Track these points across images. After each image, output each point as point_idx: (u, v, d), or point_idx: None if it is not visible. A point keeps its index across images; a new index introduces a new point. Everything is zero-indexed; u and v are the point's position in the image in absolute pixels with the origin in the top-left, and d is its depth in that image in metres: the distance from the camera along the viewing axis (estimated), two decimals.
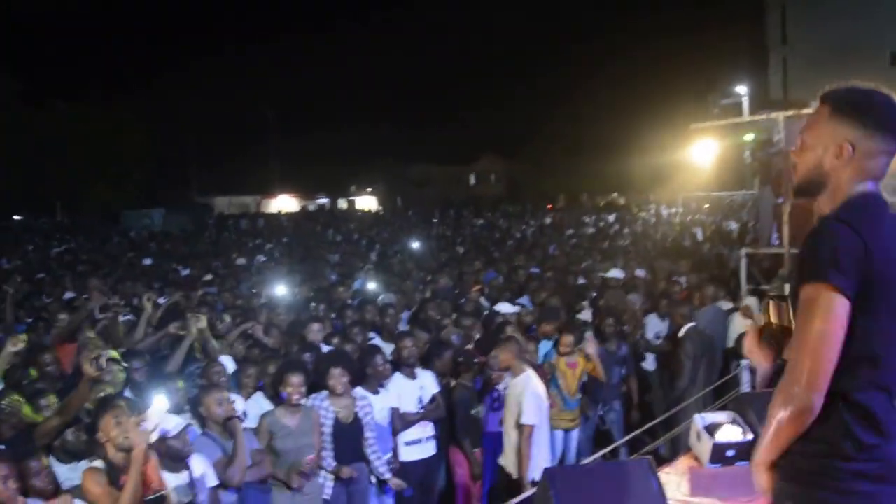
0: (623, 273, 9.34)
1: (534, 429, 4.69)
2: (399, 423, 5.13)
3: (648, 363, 7.25)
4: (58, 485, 3.59)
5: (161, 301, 8.17)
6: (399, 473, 4.99)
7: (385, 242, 18.66)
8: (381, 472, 4.82)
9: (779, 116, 8.88)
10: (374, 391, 5.06)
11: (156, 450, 3.58)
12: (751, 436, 4.06)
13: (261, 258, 15.35)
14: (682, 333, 6.46)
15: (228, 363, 5.21)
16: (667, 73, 44.82)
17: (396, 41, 65.00)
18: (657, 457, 4.57)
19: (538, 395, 4.74)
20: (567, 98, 55.33)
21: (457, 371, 5.57)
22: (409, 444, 5.19)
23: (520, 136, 53.55)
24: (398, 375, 5.22)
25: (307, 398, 4.65)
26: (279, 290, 8.73)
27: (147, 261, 15.11)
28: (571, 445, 6.09)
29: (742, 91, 20.17)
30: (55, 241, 21.98)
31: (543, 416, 4.86)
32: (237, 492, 4.10)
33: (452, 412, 5.39)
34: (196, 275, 11.70)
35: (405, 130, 52.58)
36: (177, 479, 3.65)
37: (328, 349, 5.73)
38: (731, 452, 4.14)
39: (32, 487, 3.40)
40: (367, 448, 4.78)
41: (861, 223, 1.73)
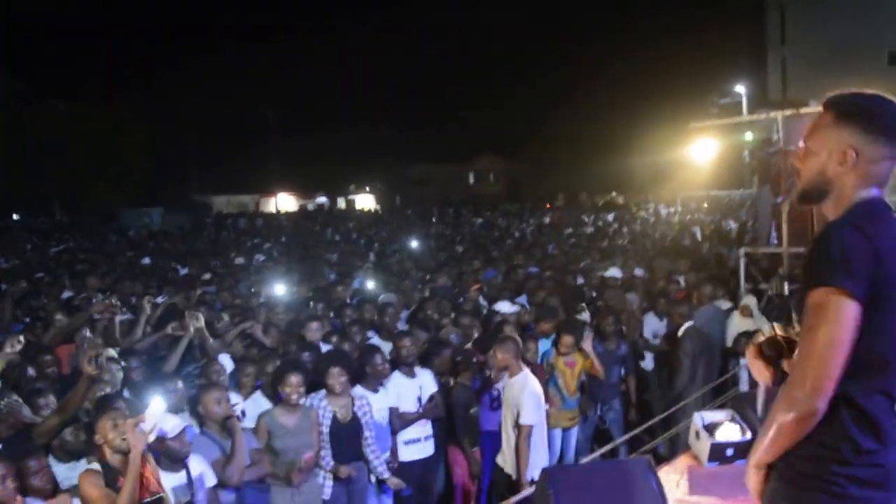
0: (622, 272, 9.34)
1: (532, 428, 4.69)
2: (398, 423, 5.13)
3: (647, 362, 7.26)
4: (56, 484, 3.58)
5: (159, 300, 8.17)
6: (398, 472, 4.98)
7: (383, 242, 18.65)
8: (380, 472, 4.81)
9: (778, 116, 8.89)
10: (374, 390, 5.06)
11: (154, 450, 3.58)
12: (749, 434, 4.07)
13: (259, 257, 15.33)
14: (681, 332, 6.47)
15: (227, 362, 5.20)
16: (666, 73, 44.81)
17: (395, 41, 64.93)
18: (656, 455, 4.58)
19: (536, 395, 4.73)
20: (566, 97, 55.27)
21: (455, 370, 5.57)
22: (408, 444, 5.19)
23: (519, 136, 53.56)
24: (397, 374, 5.22)
25: (306, 397, 4.65)
26: (278, 290, 8.72)
27: (146, 260, 15.09)
28: (570, 444, 6.10)
29: (741, 90, 20.19)
30: (53, 241, 21.95)
31: (542, 416, 4.86)
32: (236, 491, 4.09)
33: (451, 411, 5.40)
34: (194, 274, 11.69)
35: (404, 129, 52.56)
36: (175, 479, 3.64)
37: (327, 348, 5.73)
38: (730, 451, 4.15)
39: (31, 487, 3.40)
40: (366, 447, 4.78)
41: (870, 227, 1.72)
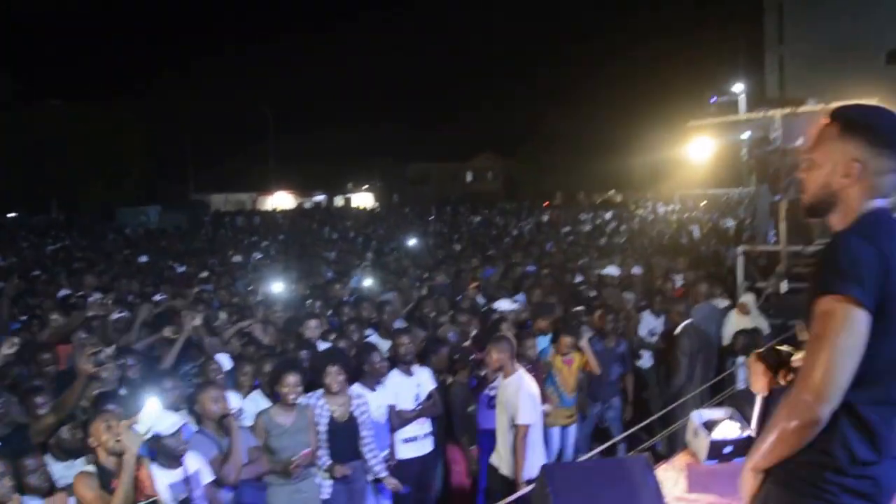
0: (619, 270, 9.34)
1: (529, 428, 4.67)
2: (396, 421, 5.12)
3: (644, 361, 7.25)
4: (53, 482, 3.57)
5: (157, 298, 8.15)
6: (396, 471, 4.98)
7: (381, 240, 18.63)
8: (377, 471, 4.80)
9: (776, 114, 8.91)
10: (372, 388, 5.05)
11: (150, 448, 3.57)
12: (748, 432, 4.06)
13: (257, 255, 15.31)
14: (679, 330, 6.47)
15: (225, 361, 5.19)
16: (664, 72, 44.91)
17: (394, 40, 64.95)
18: (655, 453, 4.58)
19: (532, 395, 4.71)
20: (565, 96, 55.39)
21: (453, 368, 5.56)
22: (407, 442, 5.18)
23: (517, 134, 53.62)
24: (395, 372, 5.21)
25: (303, 396, 4.63)
26: (276, 288, 8.71)
27: (143, 258, 15.06)
28: (569, 442, 6.09)
29: (739, 89, 20.20)
30: (50, 239, 21.89)
31: (538, 415, 4.84)
32: (233, 489, 4.08)
33: (449, 409, 5.39)
34: (192, 272, 11.66)
35: (402, 128, 52.57)
36: (172, 476, 3.63)
37: (325, 346, 5.71)
38: (729, 449, 4.15)
39: (28, 485, 3.39)
40: (364, 446, 4.77)
41: (878, 238, 1.72)
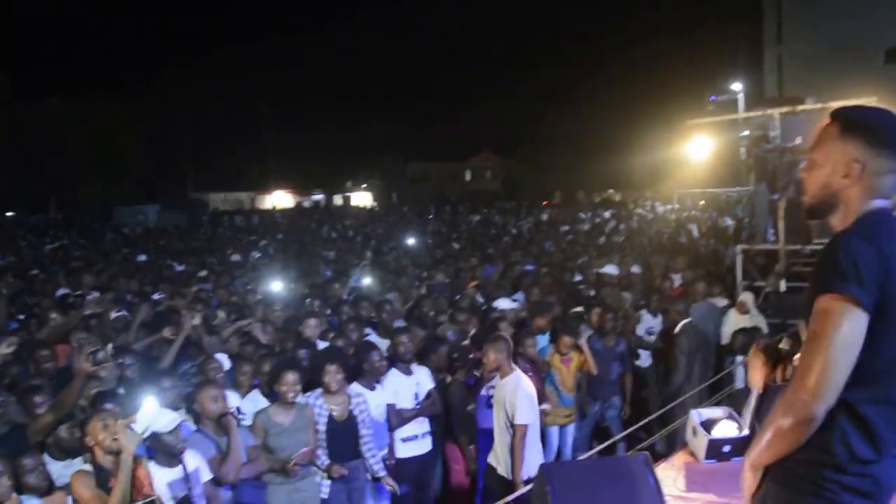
0: (618, 269, 9.34)
1: (527, 428, 4.66)
2: (395, 420, 5.12)
3: (643, 360, 7.25)
4: (51, 482, 3.56)
5: (156, 297, 8.14)
6: (395, 470, 4.98)
7: (380, 239, 18.63)
8: (376, 470, 4.80)
9: (775, 113, 8.91)
10: (370, 387, 5.05)
11: (149, 447, 3.56)
12: (746, 431, 4.06)
13: (256, 254, 15.30)
14: (678, 329, 6.47)
15: (224, 360, 5.19)
16: (663, 71, 44.89)
17: (393, 38, 64.82)
18: (653, 452, 4.57)
19: (530, 395, 4.70)
20: (564, 95, 55.33)
21: (452, 367, 5.56)
22: (406, 441, 5.18)
23: (516, 134, 53.58)
24: (394, 371, 5.21)
25: (302, 395, 4.63)
26: (274, 287, 8.70)
27: (142, 257, 15.05)
28: (567, 441, 6.09)
29: (738, 88, 20.21)
30: (48, 238, 21.86)
31: (536, 415, 4.83)
32: (232, 489, 4.08)
33: (448, 409, 5.38)
34: (191, 271, 11.65)
35: (401, 127, 52.49)
36: (171, 475, 3.63)
37: (324, 345, 5.71)
38: (727, 448, 4.15)
39: (26, 484, 3.38)
40: (363, 445, 4.77)
41: (879, 238, 1.73)
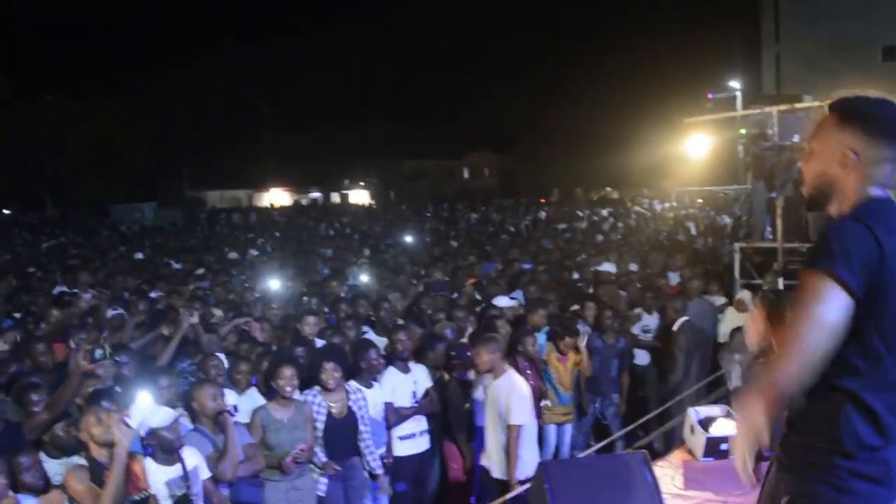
0: (616, 267, 9.33)
1: (522, 428, 4.65)
2: (393, 418, 5.11)
3: (640, 358, 7.24)
4: (48, 480, 3.55)
5: (153, 295, 8.12)
6: (393, 468, 4.97)
7: (378, 237, 18.61)
8: (374, 468, 4.79)
9: (772, 111, 8.90)
10: (368, 385, 5.04)
11: (147, 445, 3.55)
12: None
13: (253, 252, 15.29)
14: (676, 327, 6.47)
15: (221, 358, 5.17)
16: (661, 69, 44.83)
17: (391, 36, 64.82)
18: (651, 450, 4.57)
19: (524, 395, 4.68)
20: (562, 93, 55.40)
21: (450, 365, 5.55)
22: (404, 439, 5.17)
23: (514, 131, 53.55)
24: (392, 369, 5.20)
25: (301, 394, 4.62)
26: (272, 285, 8.69)
27: (139, 255, 15.02)
28: (565, 440, 6.09)
29: (736, 86, 20.18)
30: (44, 236, 21.81)
31: (531, 415, 4.82)
32: (229, 486, 4.07)
33: (446, 407, 5.37)
34: (188, 269, 11.63)
35: (401, 127, 52.48)
36: (170, 473, 3.61)
37: (321, 343, 5.70)
38: (725, 446, 4.15)
39: (23, 483, 3.37)
40: (361, 442, 4.76)
41: (874, 223, 1.74)
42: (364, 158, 49.97)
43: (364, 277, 9.35)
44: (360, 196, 49.92)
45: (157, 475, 3.54)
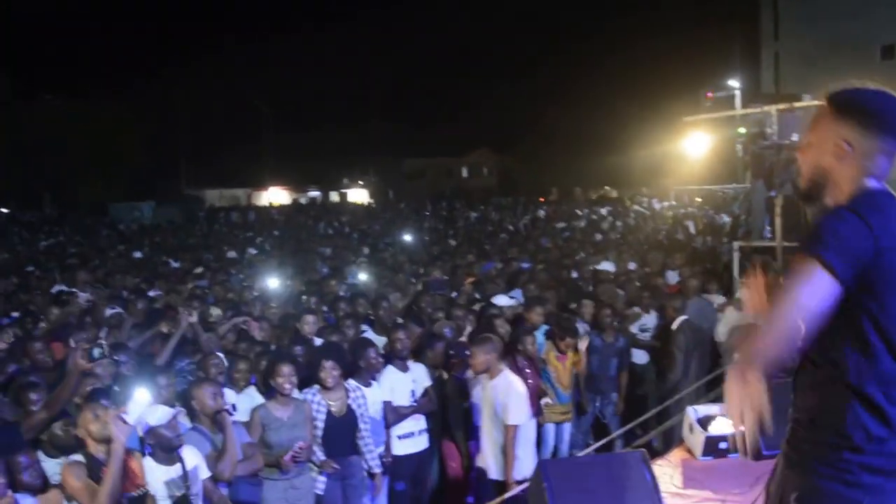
0: (615, 266, 9.32)
1: (518, 428, 4.65)
2: (392, 417, 5.10)
3: (639, 357, 7.24)
4: (46, 479, 3.54)
5: (152, 294, 8.12)
6: (392, 467, 4.96)
7: (377, 235, 18.62)
8: (372, 466, 4.79)
9: (772, 109, 8.88)
10: (367, 384, 5.04)
11: (146, 444, 3.54)
12: (743, 429, 4.05)
13: (252, 251, 15.28)
14: (675, 326, 6.47)
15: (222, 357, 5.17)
16: (660, 69, 44.88)
17: (390, 35, 64.79)
18: (650, 449, 4.57)
19: (521, 395, 4.68)
20: (561, 92, 55.41)
21: (449, 364, 5.55)
22: (402, 438, 5.16)
23: (513, 130, 53.58)
24: (391, 368, 5.20)
25: (300, 392, 4.62)
26: (271, 284, 8.69)
27: (137, 254, 15.02)
28: (563, 439, 6.09)
29: (735, 85, 20.21)
30: (43, 235, 21.80)
31: (528, 415, 4.81)
32: (228, 486, 4.06)
33: (445, 405, 5.37)
34: (187, 268, 11.63)
35: (401, 127, 52.49)
36: (169, 472, 3.61)
37: (320, 342, 5.70)
38: (724, 445, 4.15)
39: (21, 482, 3.36)
40: (360, 441, 4.76)
41: (869, 214, 1.74)
42: (363, 158, 49.97)
43: (363, 276, 9.36)
44: (359, 195, 49.90)
45: (157, 475, 3.53)
